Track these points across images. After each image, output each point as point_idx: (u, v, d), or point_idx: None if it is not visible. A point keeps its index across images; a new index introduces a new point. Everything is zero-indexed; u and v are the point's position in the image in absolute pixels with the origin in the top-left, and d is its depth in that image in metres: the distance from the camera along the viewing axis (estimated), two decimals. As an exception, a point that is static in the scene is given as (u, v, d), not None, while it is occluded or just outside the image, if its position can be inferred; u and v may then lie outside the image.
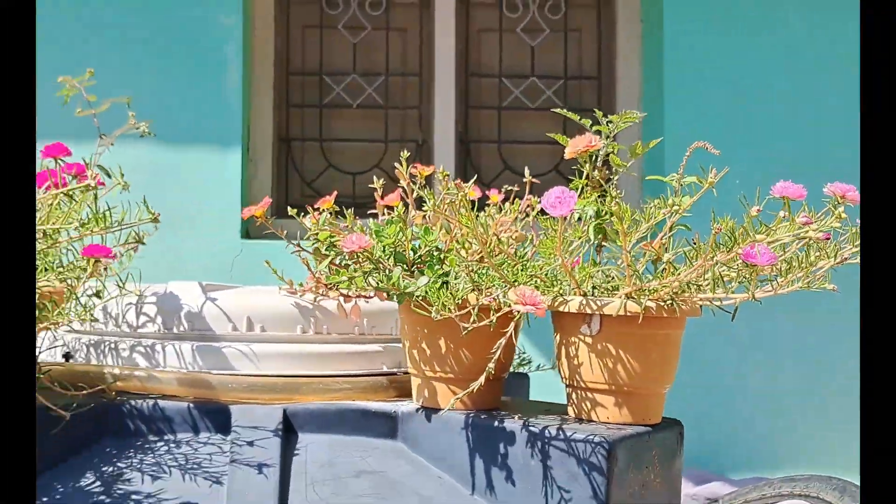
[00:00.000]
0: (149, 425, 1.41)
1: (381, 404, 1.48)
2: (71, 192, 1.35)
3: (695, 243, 1.22)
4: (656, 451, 1.39)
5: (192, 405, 1.43)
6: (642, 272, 1.34)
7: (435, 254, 1.40)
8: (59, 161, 1.45)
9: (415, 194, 1.53)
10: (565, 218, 1.17)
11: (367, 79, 3.50)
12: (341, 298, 1.56)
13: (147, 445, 1.39)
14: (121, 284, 1.41)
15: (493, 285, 1.34)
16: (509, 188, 1.62)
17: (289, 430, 1.43)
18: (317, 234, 1.45)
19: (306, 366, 1.54)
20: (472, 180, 1.42)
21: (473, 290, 1.32)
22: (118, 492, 1.28)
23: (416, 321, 1.42)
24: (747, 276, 1.18)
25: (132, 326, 1.54)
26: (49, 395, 1.35)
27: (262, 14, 3.42)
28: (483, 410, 1.42)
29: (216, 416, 1.43)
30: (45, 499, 1.28)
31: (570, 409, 1.42)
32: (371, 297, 1.58)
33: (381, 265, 1.36)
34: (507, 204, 1.54)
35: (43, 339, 1.47)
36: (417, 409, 1.45)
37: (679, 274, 1.22)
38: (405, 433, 1.45)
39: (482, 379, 1.28)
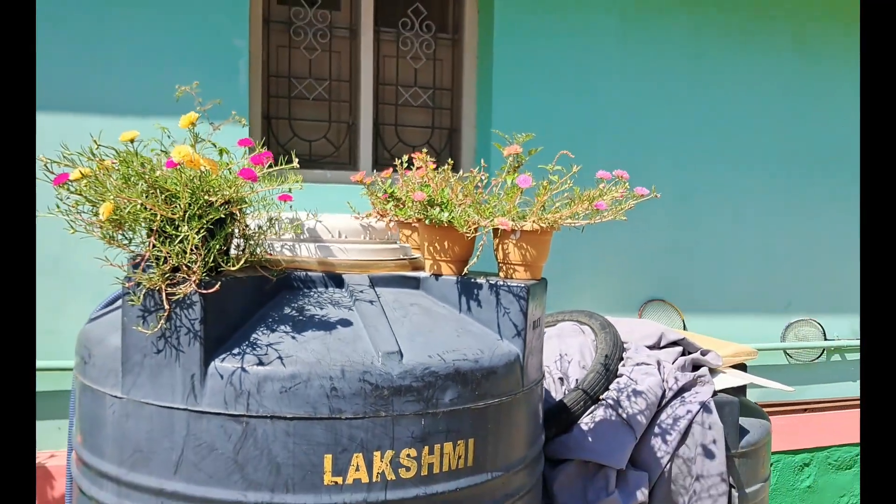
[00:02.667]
0: (303, 284, 1.94)
1: (409, 273, 2.06)
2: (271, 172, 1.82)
3: (569, 199, 1.91)
4: (539, 291, 2.08)
5: (323, 274, 1.95)
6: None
7: (444, 201, 2.01)
8: (250, 150, 1.91)
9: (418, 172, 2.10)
10: (522, 189, 1.82)
11: (318, 81, 3.87)
12: (387, 221, 2.14)
13: (306, 293, 1.89)
14: (314, 214, 1.93)
15: (475, 216, 1.97)
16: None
17: (372, 286, 2.01)
18: (385, 189, 2.01)
19: (369, 255, 2.09)
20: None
21: (468, 218, 1.95)
22: (307, 314, 1.81)
23: (433, 232, 2.01)
24: (592, 213, 1.88)
25: (276, 234, 2.04)
26: (250, 271, 1.84)
27: (256, 39, 3.68)
28: (462, 275, 2.06)
29: (336, 280, 1.92)
30: (270, 320, 1.79)
31: (500, 274, 2.07)
32: (401, 222, 2.16)
33: (424, 206, 1.95)
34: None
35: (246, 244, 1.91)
36: (430, 275, 2.06)
37: (563, 211, 1.91)
38: (424, 287, 2.02)
39: (476, 258, 1.93)
